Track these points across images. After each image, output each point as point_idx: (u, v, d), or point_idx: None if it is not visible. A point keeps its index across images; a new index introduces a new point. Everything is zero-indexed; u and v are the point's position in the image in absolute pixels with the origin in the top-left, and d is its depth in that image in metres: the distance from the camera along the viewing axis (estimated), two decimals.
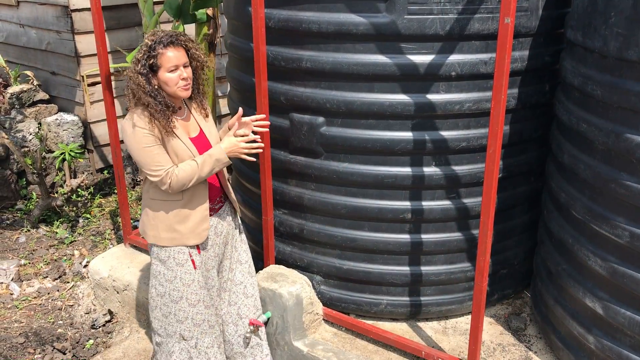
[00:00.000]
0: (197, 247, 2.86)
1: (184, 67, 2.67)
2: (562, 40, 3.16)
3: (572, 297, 2.90)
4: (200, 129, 2.84)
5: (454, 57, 2.92)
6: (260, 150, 2.88)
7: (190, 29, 5.21)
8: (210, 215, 2.89)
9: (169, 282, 2.85)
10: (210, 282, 2.98)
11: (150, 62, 2.62)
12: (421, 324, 3.44)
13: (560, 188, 2.95)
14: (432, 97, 2.98)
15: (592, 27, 2.60)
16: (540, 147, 3.36)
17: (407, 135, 3.05)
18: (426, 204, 3.18)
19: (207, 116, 2.88)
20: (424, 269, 3.31)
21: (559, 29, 3.14)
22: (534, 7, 2.96)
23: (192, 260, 2.84)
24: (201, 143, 2.80)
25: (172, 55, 2.62)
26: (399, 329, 3.38)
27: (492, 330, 3.37)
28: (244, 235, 3.16)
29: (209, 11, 4.65)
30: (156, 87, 2.65)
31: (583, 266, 2.80)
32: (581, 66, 2.74)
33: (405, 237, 3.25)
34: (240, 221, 3.14)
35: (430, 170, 3.11)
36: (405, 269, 3.31)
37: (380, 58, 2.94)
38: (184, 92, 2.69)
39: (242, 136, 2.81)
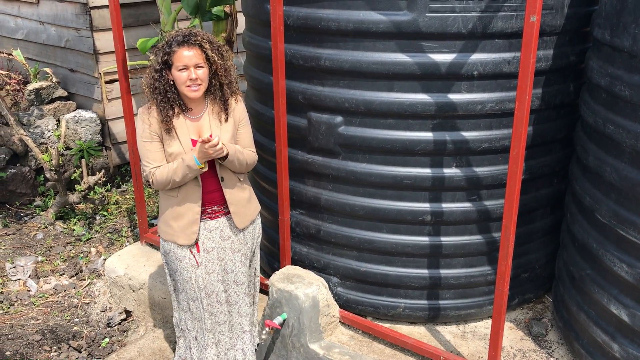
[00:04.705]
0: (197, 246, 2.85)
1: (196, 67, 2.65)
2: (588, 39, 3.08)
3: (597, 303, 2.82)
4: (211, 132, 2.80)
5: (476, 56, 2.85)
6: (221, 153, 2.66)
7: (208, 27, 5.19)
8: (210, 218, 2.86)
9: (172, 274, 2.96)
10: (210, 288, 2.91)
11: (165, 58, 2.67)
12: (439, 328, 3.39)
13: (585, 191, 2.87)
14: (454, 96, 2.92)
15: (621, 25, 2.51)
16: (563, 148, 3.28)
17: (428, 135, 2.99)
18: (446, 206, 3.11)
19: (225, 120, 2.81)
20: (443, 272, 3.25)
21: (585, 28, 3.05)
22: (559, 5, 2.88)
23: (194, 257, 2.86)
24: None
25: (183, 55, 2.64)
26: (417, 333, 3.33)
27: (512, 336, 3.30)
28: (251, 255, 3.07)
29: (227, 9, 4.62)
30: (171, 83, 2.70)
31: (608, 272, 2.72)
32: (608, 66, 2.66)
33: (424, 239, 3.19)
34: (250, 240, 3.04)
35: (450, 171, 3.05)
36: (424, 271, 3.25)
37: (401, 57, 2.88)
38: (192, 92, 2.69)
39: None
